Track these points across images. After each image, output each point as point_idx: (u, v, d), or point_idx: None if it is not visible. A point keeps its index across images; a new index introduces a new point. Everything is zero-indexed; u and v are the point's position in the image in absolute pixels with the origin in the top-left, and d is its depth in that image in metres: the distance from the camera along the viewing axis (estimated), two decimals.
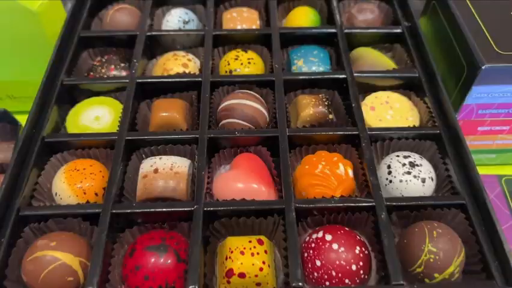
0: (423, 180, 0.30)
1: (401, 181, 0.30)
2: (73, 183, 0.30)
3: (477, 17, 0.35)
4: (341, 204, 0.28)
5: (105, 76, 0.37)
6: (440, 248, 0.26)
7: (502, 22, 0.35)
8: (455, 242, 0.27)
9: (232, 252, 0.26)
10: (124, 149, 0.31)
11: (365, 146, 0.31)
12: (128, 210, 0.28)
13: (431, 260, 0.26)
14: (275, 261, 0.28)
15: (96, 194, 0.30)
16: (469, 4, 0.36)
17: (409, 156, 0.31)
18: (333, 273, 0.26)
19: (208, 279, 0.27)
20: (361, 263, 0.27)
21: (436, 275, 0.26)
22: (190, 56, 0.38)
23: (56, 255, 0.26)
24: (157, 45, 0.39)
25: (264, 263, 0.26)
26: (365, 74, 0.36)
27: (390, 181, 0.30)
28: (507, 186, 0.37)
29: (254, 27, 0.40)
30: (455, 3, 0.37)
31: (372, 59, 0.38)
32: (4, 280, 0.26)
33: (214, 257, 0.28)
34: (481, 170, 0.30)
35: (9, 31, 0.37)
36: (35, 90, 0.41)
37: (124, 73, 0.37)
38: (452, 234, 0.27)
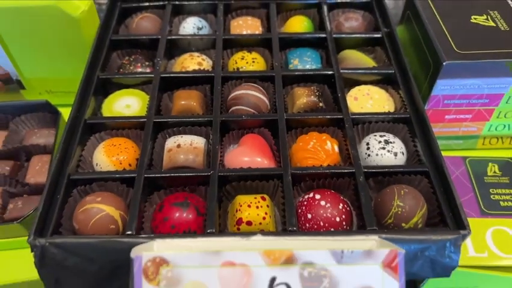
0: (396, 154, 0.37)
1: (377, 155, 0.37)
2: (111, 156, 0.36)
3: (441, 24, 0.42)
4: (328, 171, 0.35)
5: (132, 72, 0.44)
6: (406, 203, 0.33)
7: (460, 27, 0.42)
8: (418, 199, 0.33)
9: (241, 206, 0.33)
10: (152, 129, 0.38)
11: (348, 127, 0.38)
12: (158, 175, 0.35)
13: (399, 212, 0.33)
14: (275, 216, 0.35)
15: (129, 165, 0.37)
16: (436, 13, 0.44)
17: (384, 136, 0.38)
18: (321, 224, 0.33)
19: (221, 228, 0.33)
20: (343, 216, 0.33)
21: (403, 224, 0.33)
22: (204, 56, 0.45)
23: (102, 207, 0.32)
24: (176, 48, 0.46)
25: (266, 213, 0.33)
26: (349, 71, 0.43)
27: (369, 155, 0.37)
28: (470, 165, 0.44)
29: (257, 32, 0.48)
30: (424, 12, 0.44)
31: (357, 59, 0.45)
32: (60, 227, 0.32)
33: (226, 214, 0.35)
34: (450, 154, 0.37)
35: (52, 34, 0.44)
36: (70, 85, 0.49)
37: (148, 70, 0.44)
38: (416, 193, 0.34)
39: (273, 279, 0.24)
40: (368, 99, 0.41)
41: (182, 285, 0.24)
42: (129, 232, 0.31)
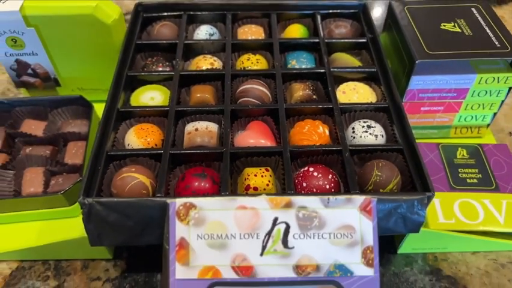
0: (376, 136, 0.44)
1: (360, 137, 0.44)
2: (140, 137, 0.44)
3: (415, 30, 0.50)
4: (320, 149, 0.43)
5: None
6: (383, 173, 0.40)
7: (431, 33, 0.50)
8: (393, 170, 0.41)
9: (248, 175, 0.40)
10: (174, 116, 0.45)
11: (337, 115, 0.45)
12: (180, 151, 0.42)
13: (377, 180, 0.40)
14: (276, 186, 0.42)
15: (155, 145, 0.44)
16: (411, 21, 0.52)
17: (367, 122, 0.46)
18: (314, 190, 0.40)
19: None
20: (332, 185, 0.41)
21: (381, 190, 0.40)
22: (215, 58, 0.53)
23: (136, 176, 0.40)
24: (191, 51, 0.54)
25: (269, 181, 0.40)
26: (339, 69, 0.50)
27: (354, 137, 0.45)
28: (442, 149, 0.51)
29: (260, 38, 0.56)
30: (402, 21, 0.52)
31: (345, 60, 0.53)
32: (101, 193, 0.40)
33: (236, 184, 0.43)
34: (425, 141, 0.44)
35: (87, 38, 0.51)
36: (99, 83, 0.56)
37: (168, 69, 0.52)
38: (392, 166, 0.41)
39: (275, 219, 0.31)
40: (354, 93, 0.49)
41: (206, 223, 0.31)
42: (158, 195, 0.38)
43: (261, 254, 0.31)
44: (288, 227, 0.31)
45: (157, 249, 0.45)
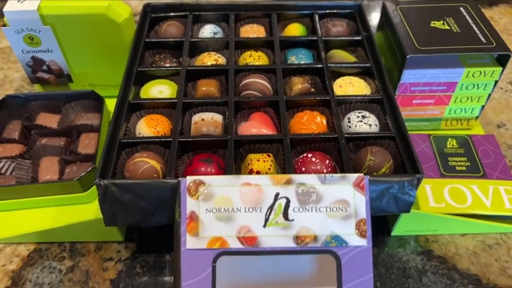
0: (370, 125, 0.48)
1: (356, 126, 0.48)
2: (151, 127, 0.47)
3: (407, 28, 0.54)
4: (317, 136, 0.46)
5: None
6: (376, 157, 0.43)
7: (422, 30, 0.53)
8: (386, 155, 0.44)
9: (251, 160, 0.43)
10: (182, 107, 0.48)
11: (334, 106, 0.49)
12: (188, 139, 0.45)
13: (371, 164, 0.43)
14: (277, 171, 0.45)
15: (165, 134, 0.47)
16: (403, 20, 0.55)
17: (362, 112, 0.49)
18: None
19: None
20: (329, 169, 0.44)
21: (374, 173, 0.43)
22: (219, 54, 0.56)
23: (147, 161, 0.43)
24: (196, 48, 0.58)
25: (271, 166, 0.43)
26: (335, 65, 0.54)
27: (349, 127, 0.48)
28: (433, 140, 0.54)
29: (262, 36, 0.59)
30: (394, 19, 0.55)
31: (341, 57, 0.56)
32: (115, 176, 0.43)
33: (240, 170, 0.46)
34: (417, 132, 0.47)
35: (99, 36, 0.55)
36: (109, 79, 0.60)
37: (175, 65, 0.55)
38: (384, 151, 0.44)
39: (277, 194, 0.34)
40: (350, 87, 0.52)
41: (214, 198, 0.34)
42: (169, 178, 0.42)
43: (264, 226, 0.34)
44: (288, 202, 0.34)
45: (165, 232, 0.48)
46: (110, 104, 0.56)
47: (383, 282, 0.45)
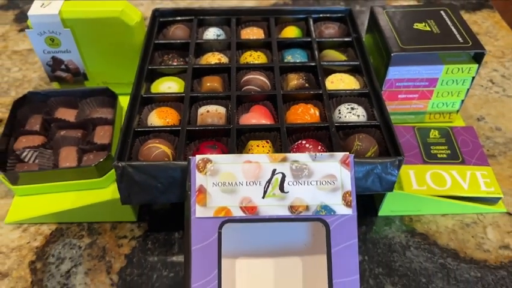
0: (358, 116, 0.53)
1: (345, 116, 0.53)
2: (161, 118, 0.52)
3: (392, 29, 0.59)
4: (310, 125, 0.51)
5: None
6: (363, 143, 0.48)
7: (406, 32, 0.59)
8: (371, 141, 0.49)
9: (251, 146, 0.49)
10: (189, 101, 0.54)
11: (326, 99, 0.54)
12: (195, 128, 0.51)
13: (358, 149, 0.48)
14: None
15: (174, 124, 0.52)
16: (389, 22, 0.61)
17: (351, 105, 0.54)
18: None
19: None
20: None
21: (361, 157, 0.48)
22: (222, 54, 0.62)
23: (159, 146, 0.48)
24: (201, 49, 0.63)
25: (269, 151, 0.48)
26: (327, 63, 0.59)
27: (339, 117, 0.53)
28: (417, 131, 0.60)
29: (261, 38, 0.65)
30: (381, 22, 0.61)
31: (333, 56, 0.62)
32: (130, 159, 0.48)
33: None
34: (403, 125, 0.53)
35: (113, 38, 0.60)
36: (121, 78, 0.65)
37: (182, 63, 0.61)
38: (370, 138, 0.49)
39: (274, 170, 0.39)
40: (341, 82, 0.58)
41: (219, 174, 0.39)
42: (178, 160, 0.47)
43: (263, 197, 0.39)
44: (284, 176, 0.39)
45: (174, 214, 0.53)
46: (123, 101, 0.62)
47: (370, 256, 0.50)
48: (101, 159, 0.53)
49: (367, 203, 0.55)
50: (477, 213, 0.54)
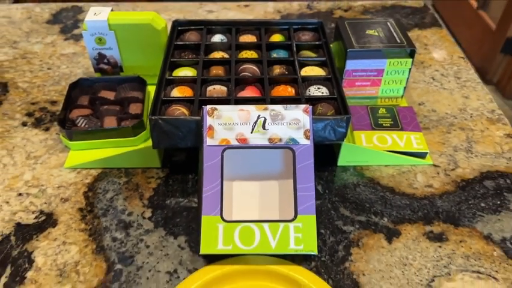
0: (322, 93, 0.73)
1: (313, 93, 0.73)
2: (180, 92, 0.72)
3: (350, 35, 0.81)
4: (287, 97, 0.71)
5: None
6: (323, 108, 0.68)
7: (360, 36, 0.80)
8: (329, 107, 0.69)
9: None
10: (200, 82, 0.74)
11: (299, 82, 0.74)
12: (205, 98, 0.71)
13: (320, 112, 0.68)
14: None
15: (189, 96, 0.73)
16: (348, 31, 0.82)
17: (318, 86, 0.75)
18: None
19: None
20: None
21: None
22: (224, 53, 0.83)
23: (179, 108, 0.68)
24: (209, 49, 0.84)
25: None
26: (303, 58, 0.80)
27: (309, 94, 0.73)
28: (370, 109, 0.80)
29: (254, 41, 0.86)
30: (342, 31, 0.82)
31: (307, 54, 0.83)
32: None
33: None
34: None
35: (144, 39, 0.81)
36: (148, 70, 0.86)
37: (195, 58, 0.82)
38: (328, 105, 0.69)
39: (258, 115, 0.59)
40: (312, 72, 0.78)
41: (222, 117, 0.59)
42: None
43: (251, 132, 0.58)
44: (265, 120, 0.59)
45: (188, 163, 0.73)
46: (149, 88, 0.82)
47: (330, 190, 0.69)
48: (135, 123, 0.73)
49: (330, 156, 0.74)
50: (411, 164, 0.73)
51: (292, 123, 0.59)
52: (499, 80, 2.74)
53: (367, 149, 0.72)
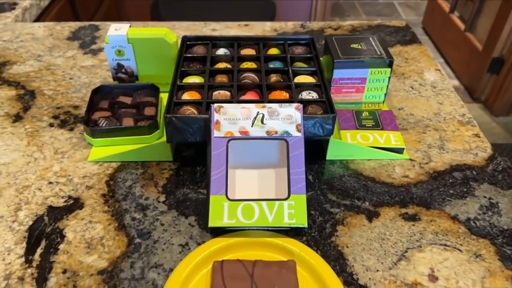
0: (313, 96, 0.84)
1: (304, 97, 0.85)
2: (190, 96, 0.84)
3: (337, 48, 0.93)
4: (283, 101, 0.82)
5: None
6: (313, 108, 0.80)
7: (345, 49, 0.92)
8: (318, 108, 0.80)
9: None
10: (207, 88, 0.85)
11: (293, 88, 0.86)
12: (211, 100, 0.82)
13: (311, 112, 0.79)
14: None
15: (198, 99, 0.84)
16: (335, 45, 0.94)
17: (309, 91, 0.86)
18: None
19: None
20: None
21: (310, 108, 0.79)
22: (228, 64, 0.95)
23: (190, 109, 0.79)
24: (214, 61, 0.96)
25: None
26: (296, 68, 0.92)
27: (301, 98, 0.85)
28: (355, 112, 0.91)
29: (253, 54, 0.98)
30: (330, 45, 0.95)
31: (300, 65, 0.95)
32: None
33: None
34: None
35: (157, 51, 0.93)
36: (160, 79, 0.98)
37: (202, 68, 0.93)
38: (317, 107, 0.80)
39: (258, 112, 0.70)
40: (303, 80, 0.90)
41: (227, 113, 0.70)
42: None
43: (251, 126, 0.70)
44: (263, 115, 0.70)
45: (196, 157, 0.83)
46: (162, 95, 0.94)
47: (319, 180, 0.79)
48: (150, 122, 0.84)
49: (319, 152, 0.85)
50: (390, 158, 0.84)
51: (286, 118, 0.71)
52: (487, 98, 2.88)
53: (352, 145, 0.82)
